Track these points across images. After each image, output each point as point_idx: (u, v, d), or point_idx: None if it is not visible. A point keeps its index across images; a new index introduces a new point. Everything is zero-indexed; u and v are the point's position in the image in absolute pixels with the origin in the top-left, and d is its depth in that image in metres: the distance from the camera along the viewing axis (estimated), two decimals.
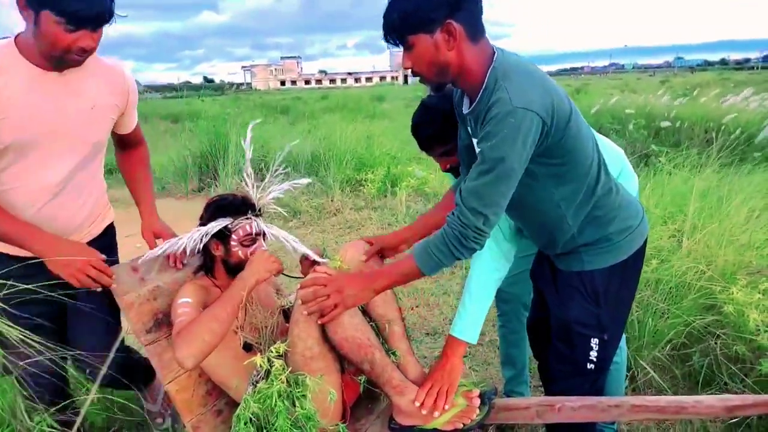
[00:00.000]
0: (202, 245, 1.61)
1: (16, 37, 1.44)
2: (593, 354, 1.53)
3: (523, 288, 1.98)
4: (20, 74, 1.42)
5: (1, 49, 1.42)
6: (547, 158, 1.34)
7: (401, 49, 1.35)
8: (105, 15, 1.38)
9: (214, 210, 1.65)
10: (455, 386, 1.54)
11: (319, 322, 1.46)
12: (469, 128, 1.47)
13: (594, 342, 1.52)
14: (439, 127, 1.68)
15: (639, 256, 1.54)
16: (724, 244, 2.72)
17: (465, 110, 1.43)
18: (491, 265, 1.60)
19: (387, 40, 1.36)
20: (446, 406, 1.51)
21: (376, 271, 1.51)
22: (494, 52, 1.34)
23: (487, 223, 1.29)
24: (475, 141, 1.43)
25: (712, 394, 2.09)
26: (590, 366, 1.55)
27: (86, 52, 1.41)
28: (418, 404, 1.50)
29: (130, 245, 4.84)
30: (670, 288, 2.58)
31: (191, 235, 1.60)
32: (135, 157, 1.90)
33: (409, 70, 1.37)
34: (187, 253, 1.65)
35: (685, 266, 2.62)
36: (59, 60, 1.40)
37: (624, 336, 1.93)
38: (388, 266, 1.50)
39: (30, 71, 1.43)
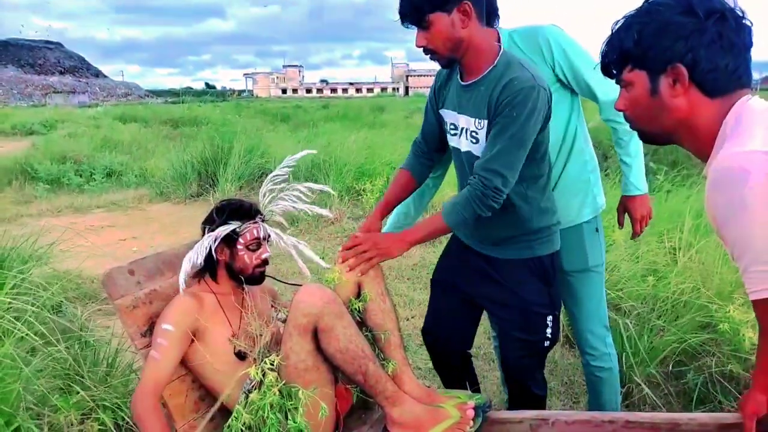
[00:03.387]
0: (210, 250, 1.60)
1: None
2: (548, 331, 1.67)
3: None
4: None
5: None
6: (540, 134, 1.51)
7: (413, 30, 1.50)
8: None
9: (228, 214, 1.65)
10: (377, 260, 1.59)
11: (359, 274, 1.56)
12: (450, 99, 1.64)
13: (549, 319, 1.66)
14: None
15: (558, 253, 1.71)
16: (720, 262, 2.73)
17: (462, 82, 1.59)
18: None
19: (404, 21, 1.51)
20: (357, 272, 1.58)
21: (408, 229, 1.62)
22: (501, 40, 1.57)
23: (506, 184, 1.47)
24: (456, 113, 1.62)
25: (706, 412, 2.09)
26: (546, 343, 1.68)
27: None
28: (340, 258, 1.58)
29: (126, 248, 4.85)
30: (666, 305, 2.58)
31: (202, 242, 1.60)
32: None
33: (422, 49, 1.52)
34: (200, 260, 1.60)
35: (682, 284, 2.62)
36: None
37: (612, 345, 1.99)
38: (418, 223, 1.60)
39: None
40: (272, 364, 1.43)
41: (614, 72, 1.11)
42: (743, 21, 1.00)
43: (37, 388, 1.81)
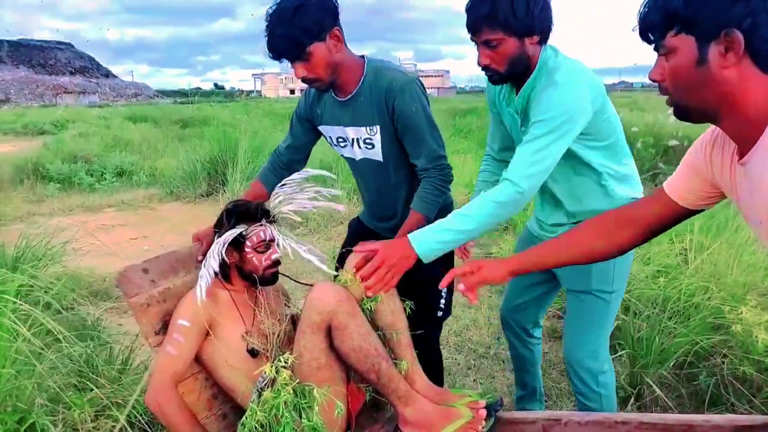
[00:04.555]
0: (221, 254, 1.61)
1: None
2: (442, 302, 1.83)
3: (526, 315, 2.00)
4: None
5: None
6: None
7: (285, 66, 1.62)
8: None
9: (236, 217, 1.66)
10: (397, 278, 1.46)
11: (383, 292, 1.51)
12: (330, 116, 1.76)
13: (444, 291, 1.82)
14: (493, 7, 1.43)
15: None
16: (732, 264, 2.71)
17: (340, 99, 1.72)
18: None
19: (281, 58, 1.57)
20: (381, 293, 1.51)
21: (400, 239, 1.50)
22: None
23: (447, 158, 1.71)
24: (342, 127, 1.75)
25: (719, 414, 2.07)
26: (439, 313, 1.83)
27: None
28: (355, 272, 1.48)
29: (137, 247, 4.88)
30: (677, 306, 2.56)
31: (212, 249, 1.61)
32: None
33: (301, 79, 1.61)
34: (216, 267, 1.59)
35: (693, 285, 2.61)
36: None
37: (610, 385, 1.79)
38: (403, 231, 1.64)
39: None
40: (286, 362, 1.44)
41: (653, 37, 0.95)
42: None
43: (51, 386, 1.83)
